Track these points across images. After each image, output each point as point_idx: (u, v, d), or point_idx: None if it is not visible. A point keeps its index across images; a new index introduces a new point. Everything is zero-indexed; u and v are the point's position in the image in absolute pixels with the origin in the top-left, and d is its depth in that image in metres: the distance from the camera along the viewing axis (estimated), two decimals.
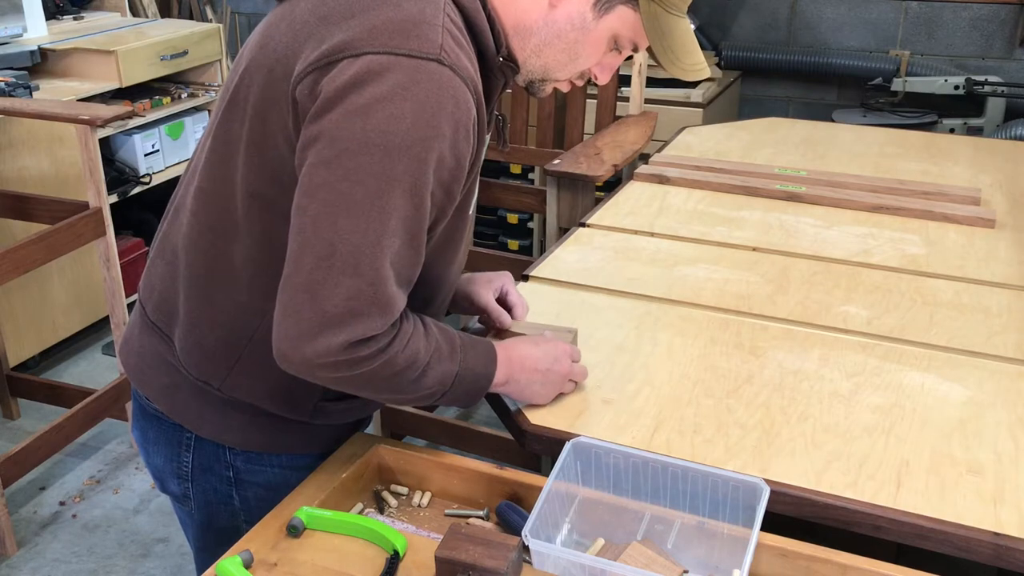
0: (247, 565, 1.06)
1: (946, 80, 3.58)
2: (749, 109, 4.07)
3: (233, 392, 1.20)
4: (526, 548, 1.05)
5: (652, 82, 3.15)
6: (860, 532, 1.17)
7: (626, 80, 3.02)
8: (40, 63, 3.09)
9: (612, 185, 2.57)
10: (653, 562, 1.07)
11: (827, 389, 1.41)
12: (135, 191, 3.20)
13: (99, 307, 3.26)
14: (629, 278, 1.77)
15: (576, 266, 1.82)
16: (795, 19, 3.93)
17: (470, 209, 1.24)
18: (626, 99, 3.02)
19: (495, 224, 3.72)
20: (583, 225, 2.02)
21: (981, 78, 3.55)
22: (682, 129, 2.75)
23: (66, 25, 3.47)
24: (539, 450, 1.30)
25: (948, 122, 3.62)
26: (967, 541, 1.12)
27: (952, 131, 3.55)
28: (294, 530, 1.12)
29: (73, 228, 2.37)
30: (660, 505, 1.16)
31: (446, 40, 1.04)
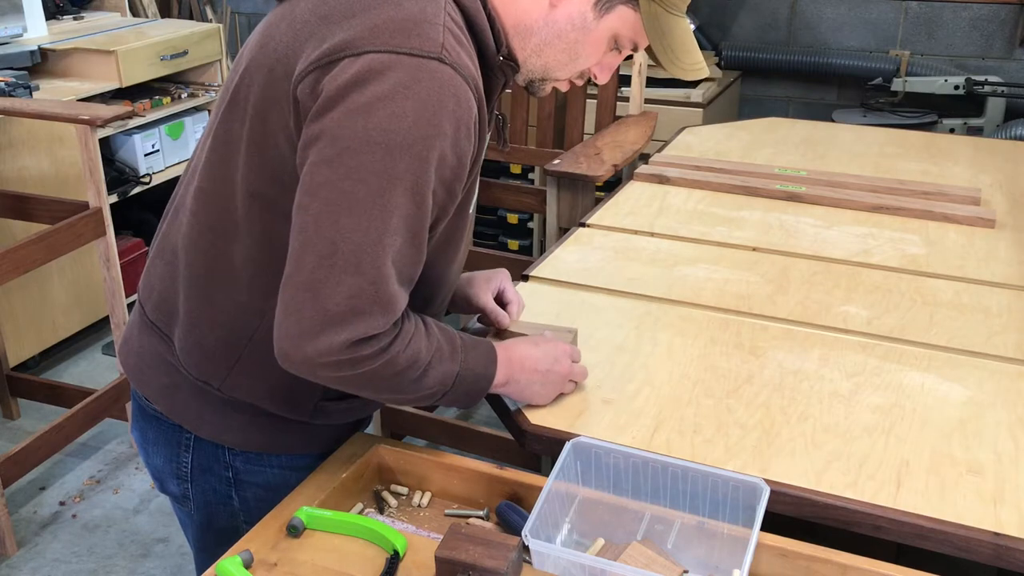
0: (247, 565, 1.06)
1: (946, 80, 3.58)
2: (749, 109, 4.07)
3: (233, 392, 1.20)
4: (526, 548, 1.05)
5: (652, 82, 3.15)
6: (860, 532, 1.17)
7: (626, 80, 3.02)
8: (40, 63, 3.09)
9: (612, 185, 2.57)
10: (653, 562, 1.07)
11: (827, 389, 1.41)
12: (135, 191, 3.20)
13: (99, 307, 3.26)
14: (629, 278, 1.77)
15: (576, 266, 1.82)
16: (795, 19, 3.93)
17: (470, 208, 1.24)
18: (626, 99, 3.02)
19: (495, 224, 3.72)
20: (583, 225, 2.02)
21: (981, 78, 3.55)
22: (682, 129, 2.75)
23: (66, 25, 3.47)
24: (539, 450, 1.30)
25: (948, 122, 3.62)
26: (967, 541, 1.12)
27: (952, 131, 3.55)
28: (294, 530, 1.12)
29: (73, 228, 2.37)
30: (660, 505, 1.16)
31: (447, 39, 1.04)
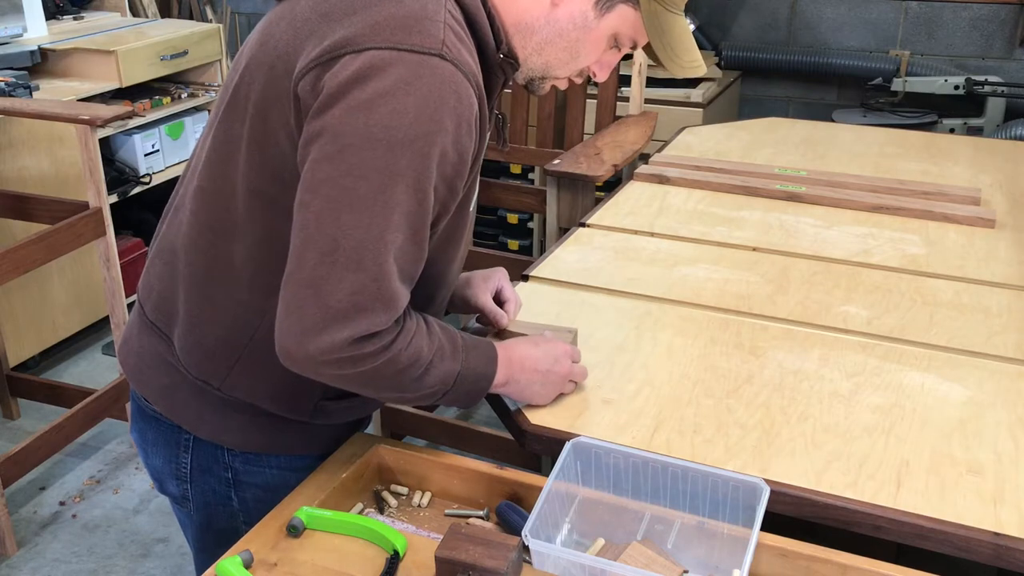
0: (247, 565, 1.06)
1: (946, 80, 3.58)
2: (749, 109, 4.07)
3: (233, 392, 1.20)
4: (526, 548, 1.05)
5: (652, 82, 3.15)
6: (860, 532, 1.17)
7: (626, 80, 3.02)
8: (40, 63, 3.09)
9: (612, 185, 2.57)
10: (653, 562, 1.07)
11: (827, 389, 1.41)
12: (135, 191, 3.20)
13: (99, 307, 3.26)
14: (629, 278, 1.77)
15: (576, 266, 1.82)
16: (795, 19, 3.93)
17: (471, 206, 1.24)
18: (626, 99, 3.02)
19: (495, 224, 3.72)
20: (583, 225, 2.02)
21: (981, 78, 3.55)
22: (682, 129, 2.75)
23: (66, 25, 3.47)
24: (539, 450, 1.30)
25: (948, 122, 3.62)
26: (967, 541, 1.12)
27: (952, 131, 3.55)
28: (294, 530, 1.12)
29: (73, 228, 2.37)
30: (660, 505, 1.16)
31: (448, 36, 1.04)
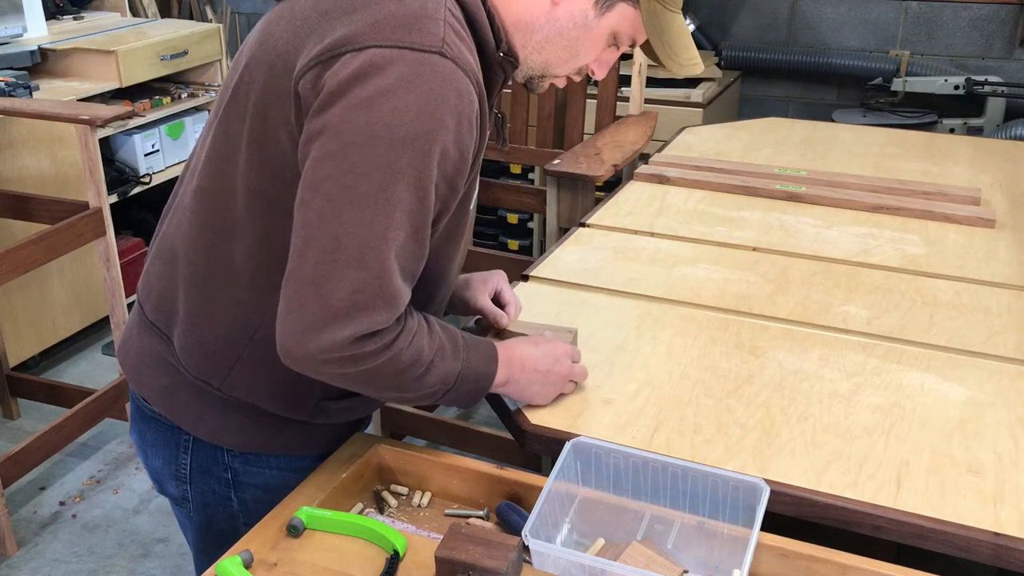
0: (247, 565, 1.06)
1: (946, 80, 3.58)
2: (749, 109, 4.07)
3: (233, 391, 1.20)
4: (526, 548, 1.05)
5: (652, 82, 3.15)
6: (860, 532, 1.17)
7: (626, 80, 3.02)
8: (40, 63, 3.09)
9: (612, 185, 2.57)
10: (653, 562, 1.07)
11: (827, 389, 1.41)
12: (135, 191, 3.20)
13: (99, 307, 3.26)
14: (629, 278, 1.77)
15: (576, 266, 1.82)
16: (795, 19, 3.93)
17: (471, 205, 1.25)
18: (626, 99, 3.02)
19: (495, 224, 3.72)
20: (583, 225, 2.02)
21: (981, 78, 3.55)
22: (682, 129, 2.75)
23: (66, 25, 3.47)
24: (539, 450, 1.30)
25: (948, 122, 3.62)
26: (967, 541, 1.12)
27: (952, 131, 3.55)
28: (294, 530, 1.12)
29: (73, 228, 2.37)
30: (660, 505, 1.16)
31: (448, 33, 1.05)
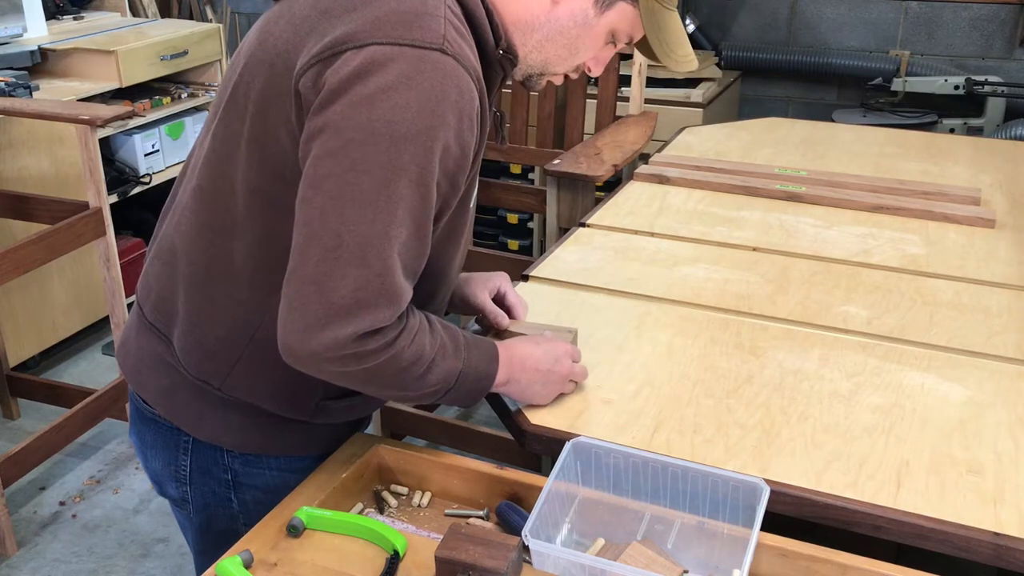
0: (247, 565, 1.06)
1: (946, 80, 3.58)
2: (749, 109, 4.07)
3: (233, 391, 1.20)
4: (526, 548, 1.05)
5: (652, 82, 3.15)
6: (860, 532, 1.17)
7: (626, 80, 3.02)
8: (40, 63, 3.09)
9: (612, 185, 2.57)
10: (653, 562, 1.07)
11: (827, 389, 1.41)
12: (135, 191, 3.20)
13: (99, 307, 3.26)
14: (629, 278, 1.77)
15: (576, 266, 1.82)
16: (795, 19, 3.93)
17: (471, 202, 1.25)
18: (626, 99, 3.02)
19: (495, 224, 3.72)
20: (583, 225, 2.02)
21: (981, 78, 3.55)
22: (682, 129, 2.75)
23: (66, 25, 3.47)
24: (539, 450, 1.30)
25: (948, 122, 3.62)
26: (967, 541, 1.12)
27: (952, 131, 3.55)
28: (294, 530, 1.12)
29: (73, 228, 2.37)
30: (660, 505, 1.16)
31: (448, 30, 1.05)
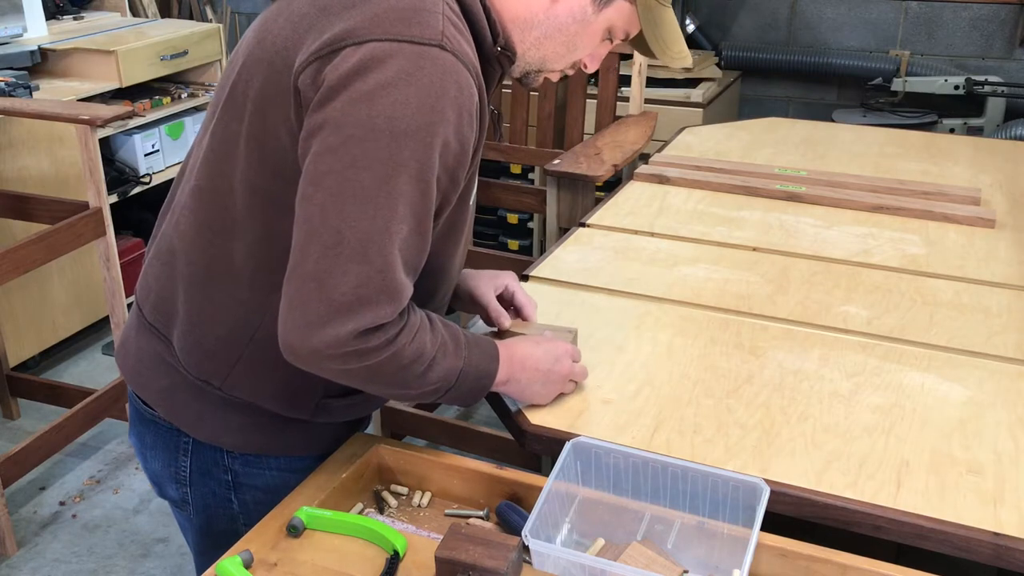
0: (247, 565, 1.06)
1: (946, 80, 3.59)
2: (749, 109, 4.07)
3: (234, 391, 1.20)
4: (526, 548, 1.05)
5: (652, 82, 3.15)
6: (860, 532, 1.17)
7: (626, 80, 3.02)
8: (40, 63, 3.09)
9: (612, 185, 2.57)
10: (653, 562, 1.07)
11: (827, 389, 1.41)
12: (135, 191, 3.20)
13: (99, 307, 3.26)
14: (629, 278, 1.77)
15: (576, 266, 1.82)
16: (795, 19, 3.93)
17: (471, 199, 1.25)
18: (626, 99, 3.02)
19: (495, 224, 3.72)
20: (583, 225, 2.02)
21: (981, 78, 3.55)
22: (682, 129, 2.75)
23: (66, 25, 3.46)
24: (539, 450, 1.30)
25: (948, 122, 3.62)
26: (967, 541, 1.12)
27: (952, 131, 3.55)
28: (294, 530, 1.12)
29: (73, 228, 2.36)
30: (660, 505, 1.16)
31: (447, 27, 1.05)
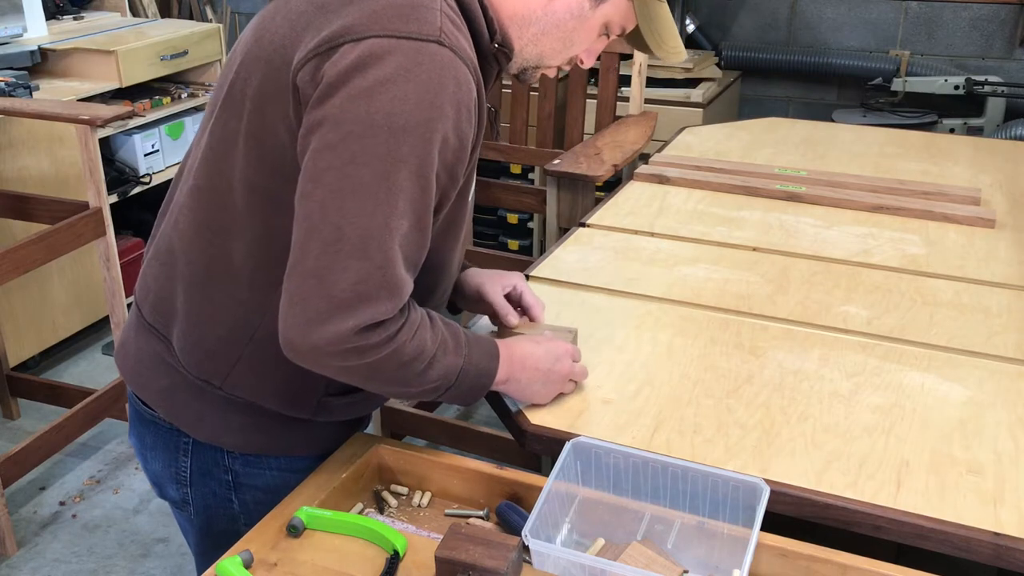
0: (247, 565, 1.06)
1: (946, 80, 3.59)
2: (749, 109, 4.07)
3: (234, 390, 1.19)
4: (526, 548, 1.05)
5: (652, 82, 3.15)
6: (860, 532, 1.17)
7: (626, 80, 3.02)
8: (40, 63, 3.09)
9: (612, 185, 2.57)
10: (653, 562, 1.07)
11: (827, 389, 1.41)
12: (135, 191, 3.20)
13: (99, 307, 3.26)
14: (629, 278, 1.77)
15: (576, 266, 1.82)
16: (795, 19, 3.93)
17: (470, 195, 1.25)
18: (626, 99, 3.02)
19: (495, 224, 3.72)
20: (583, 225, 2.02)
21: (981, 78, 3.55)
22: (682, 129, 2.75)
23: (66, 25, 3.47)
24: (539, 450, 1.30)
25: (948, 122, 3.62)
26: (967, 541, 1.12)
27: (952, 131, 3.55)
28: (294, 530, 1.12)
29: (73, 228, 2.36)
30: (660, 505, 1.16)
31: (445, 23, 1.05)
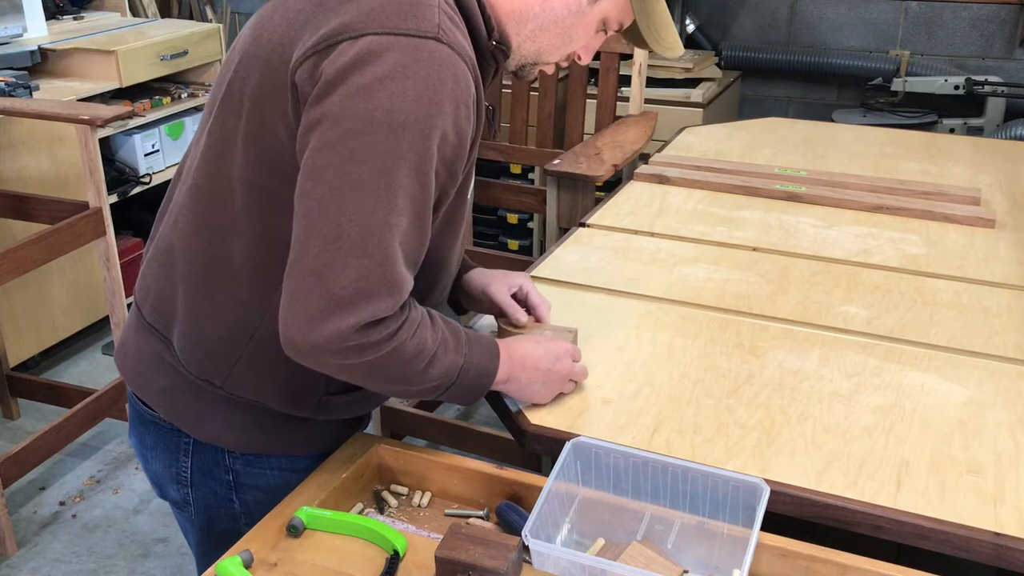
0: (247, 565, 1.06)
1: (946, 80, 3.59)
2: (749, 109, 4.07)
3: (235, 390, 1.20)
4: (526, 548, 1.05)
5: (652, 82, 3.15)
6: (860, 532, 1.17)
7: (626, 80, 3.02)
8: (40, 63, 3.09)
9: (612, 185, 2.57)
10: (653, 562, 1.07)
11: (827, 389, 1.41)
12: (135, 191, 3.20)
13: (99, 307, 3.26)
14: (629, 278, 1.77)
15: (576, 266, 1.82)
16: (795, 19, 3.93)
17: (468, 192, 1.25)
18: (626, 99, 3.02)
19: (495, 224, 3.72)
20: (583, 225, 2.02)
21: (981, 78, 3.55)
22: (682, 129, 2.75)
23: (66, 25, 3.47)
24: (539, 450, 1.30)
25: (948, 122, 3.62)
26: (967, 541, 1.12)
27: (952, 131, 3.55)
28: (294, 530, 1.12)
29: (73, 228, 2.36)
30: (660, 505, 1.16)
31: (443, 20, 1.06)
